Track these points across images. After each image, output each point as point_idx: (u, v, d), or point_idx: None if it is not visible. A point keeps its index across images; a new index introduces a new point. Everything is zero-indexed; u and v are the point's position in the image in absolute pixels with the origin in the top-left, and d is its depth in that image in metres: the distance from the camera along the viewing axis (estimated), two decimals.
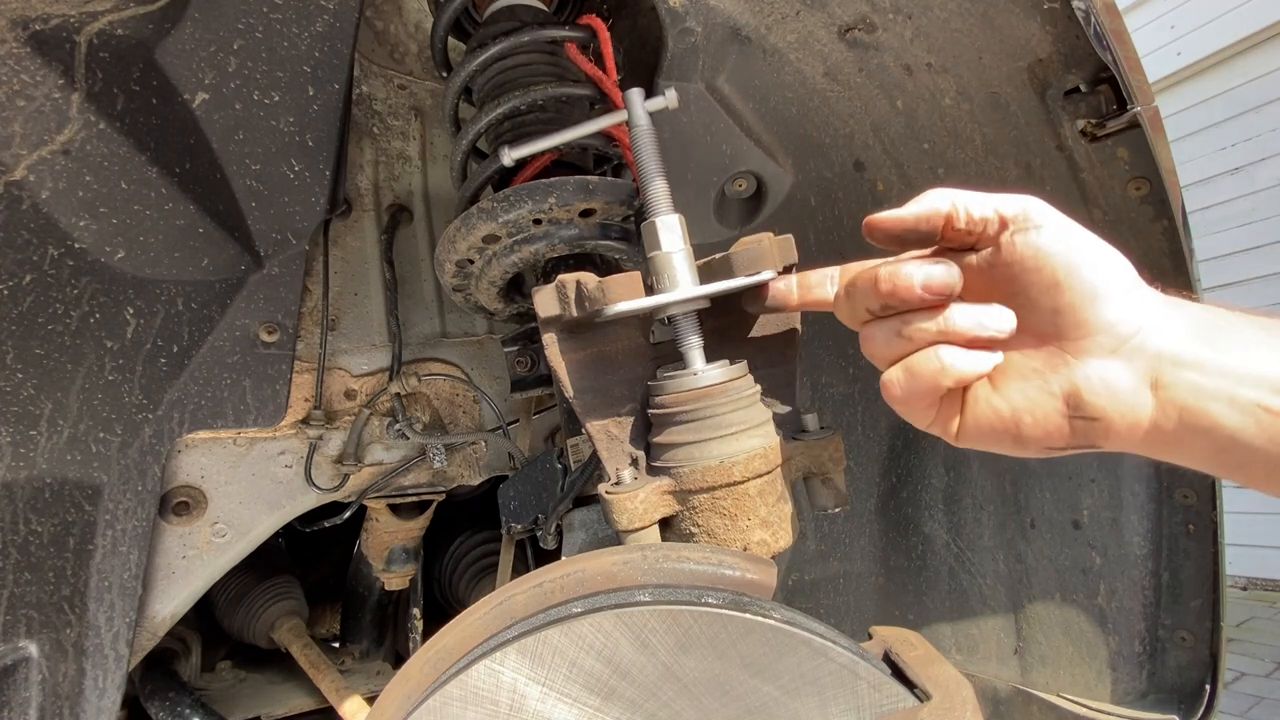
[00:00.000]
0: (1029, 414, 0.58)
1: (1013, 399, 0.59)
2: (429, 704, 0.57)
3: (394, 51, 1.42)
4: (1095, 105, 1.02)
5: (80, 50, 0.93)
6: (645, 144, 0.83)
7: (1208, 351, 0.54)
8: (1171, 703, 1.20)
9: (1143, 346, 0.55)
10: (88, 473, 1.06)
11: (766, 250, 0.73)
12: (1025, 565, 1.33)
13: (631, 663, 0.57)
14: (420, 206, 1.49)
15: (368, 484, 1.43)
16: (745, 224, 1.44)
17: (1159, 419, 0.55)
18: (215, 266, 1.11)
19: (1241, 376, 0.52)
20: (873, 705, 0.58)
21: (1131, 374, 0.55)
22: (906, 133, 1.21)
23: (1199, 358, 0.54)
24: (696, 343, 0.77)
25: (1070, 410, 0.57)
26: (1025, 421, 0.59)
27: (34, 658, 1.03)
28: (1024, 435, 0.59)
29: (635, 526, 0.73)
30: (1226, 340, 0.54)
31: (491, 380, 1.52)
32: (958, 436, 0.63)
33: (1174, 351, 0.55)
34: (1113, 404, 0.56)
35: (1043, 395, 0.58)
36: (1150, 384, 0.55)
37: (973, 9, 1.01)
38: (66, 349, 1.02)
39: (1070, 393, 0.57)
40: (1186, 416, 0.54)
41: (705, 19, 1.11)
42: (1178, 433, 0.55)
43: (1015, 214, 0.58)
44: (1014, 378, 0.59)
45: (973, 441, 0.62)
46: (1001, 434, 0.60)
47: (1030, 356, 0.59)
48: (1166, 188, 1.02)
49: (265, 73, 1.03)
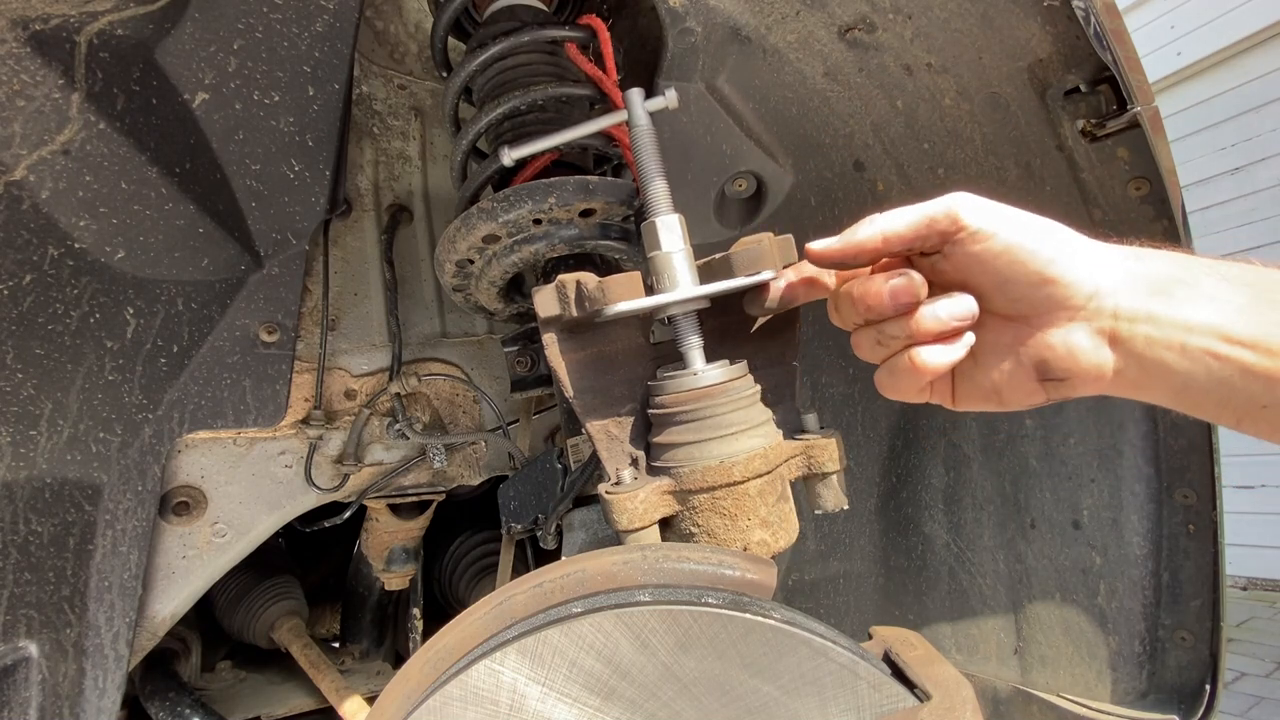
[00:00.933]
0: (1006, 383, 0.67)
1: (992, 372, 0.67)
2: (429, 704, 0.57)
3: (394, 51, 1.42)
4: (1095, 105, 1.02)
5: (80, 50, 0.93)
6: (645, 144, 0.83)
7: (1162, 305, 0.60)
8: (1171, 703, 1.19)
9: (1100, 308, 0.62)
10: (88, 473, 1.06)
11: (766, 250, 0.73)
12: (1025, 565, 1.33)
13: (631, 663, 0.57)
14: (420, 206, 1.49)
15: (368, 484, 1.43)
16: (745, 224, 1.44)
17: (1120, 368, 0.62)
18: (215, 266, 1.11)
19: (1192, 327, 0.59)
20: (873, 705, 0.58)
21: (1090, 334, 0.62)
22: (906, 133, 1.21)
23: (1152, 312, 0.60)
24: (696, 343, 0.77)
25: (1040, 375, 0.65)
26: (1004, 389, 0.67)
27: (34, 658, 1.03)
28: (1006, 400, 0.68)
29: (635, 526, 0.73)
30: (1185, 292, 0.60)
31: (491, 380, 1.52)
32: (954, 405, 0.72)
33: (1129, 308, 0.61)
34: (1076, 365, 0.63)
35: (1015, 366, 0.66)
36: (1108, 340, 0.62)
37: (973, 9, 1.01)
38: (66, 349, 1.02)
39: (1039, 362, 0.65)
40: (1144, 364, 0.61)
41: (705, 19, 1.11)
42: (1139, 379, 0.62)
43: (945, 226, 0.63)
44: (990, 353, 0.67)
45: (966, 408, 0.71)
46: (988, 400, 0.69)
47: (1001, 333, 0.66)
48: (1166, 188, 1.02)
49: (265, 73, 1.03)
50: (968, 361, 0.67)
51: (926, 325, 0.64)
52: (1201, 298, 0.59)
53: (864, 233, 0.66)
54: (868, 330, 0.68)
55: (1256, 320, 0.57)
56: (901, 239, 0.65)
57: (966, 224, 0.62)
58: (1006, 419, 1.34)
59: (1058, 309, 0.62)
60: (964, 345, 0.65)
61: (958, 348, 0.65)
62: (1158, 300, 0.60)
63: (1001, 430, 1.34)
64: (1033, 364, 0.65)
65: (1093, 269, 0.62)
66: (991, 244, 0.62)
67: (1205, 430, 1.14)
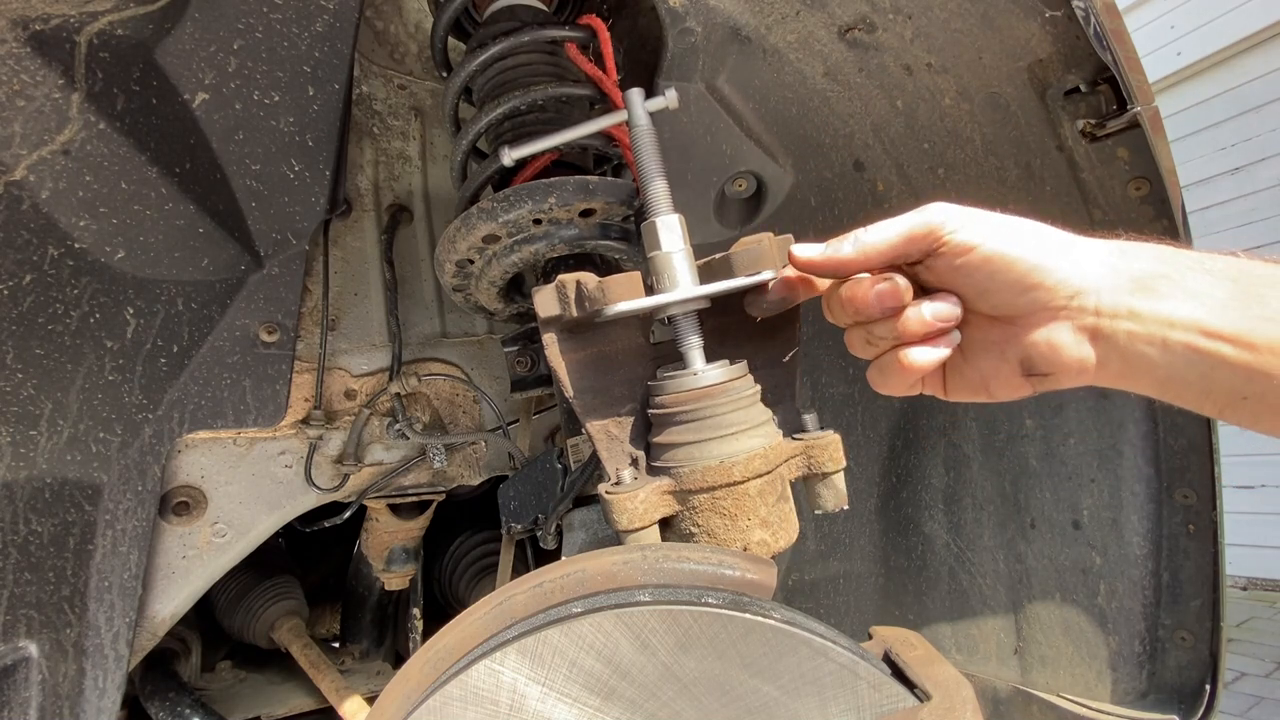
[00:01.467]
0: (994, 378, 0.69)
1: (980, 367, 0.70)
2: (429, 704, 0.57)
3: (394, 51, 1.42)
4: (1095, 105, 1.02)
5: (80, 50, 0.93)
6: (645, 144, 0.83)
7: (1144, 301, 0.61)
8: (1171, 703, 1.19)
9: (1082, 306, 0.63)
10: (88, 473, 1.06)
11: (766, 250, 0.73)
12: (1025, 565, 1.33)
13: (631, 663, 0.57)
14: (420, 206, 1.49)
15: (368, 484, 1.43)
16: (745, 224, 1.44)
17: (1103, 362, 0.64)
18: (215, 266, 1.11)
19: (1174, 322, 0.60)
20: (873, 705, 0.58)
21: (1073, 332, 0.64)
22: (906, 133, 1.21)
23: (1134, 308, 0.61)
24: (696, 343, 0.77)
25: (1025, 371, 0.67)
26: (992, 382, 0.69)
27: (34, 658, 1.03)
28: (994, 392, 0.70)
29: (635, 526, 0.73)
30: (1168, 287, 0.61)
31: (491, 380, 1.52)
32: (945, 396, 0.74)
33: (1110, 306, 0.62)
34: (1059, 361, 0.65)
35: (1001, 363, 0.68)
36: (1090, 337, 0.63)
37: (973, 9, 1.01)
38: (66, 349, 1.02)
39: (1023, 359, 0.66)
40: (1127, 359, 0.62)
41: (705, 19, 1.11)
42: (1122, 372, 0.64)
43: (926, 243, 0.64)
44: (978, 350, 0.69)
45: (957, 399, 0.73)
46: (977, 392, 0.71)
47: (988, 331, 0.68)
48: (1166, 188, 1.02)
49: (265, 73, 1.03)
50: (956, 356, 0.70)
51: (912, 327, 0.66)
52: (1183, 293, 0.60)
53: (845, 251, 0.68)
54: (858, 329, 0.70)
55: (1237, 315, 0.58)
56: (882, 256, 0.66)
57: (947, 239, 0.64)
58: (1006, 419, 1.34)
59: (1040, 310, 0.64)
60: (950, 344, 0.67)
61: (944, 347, 0.67)
62: (1140, 296, 0.61)
63: (1001, 430, 1.34)
64: (1017, 360, 0.67)
65: (1075, 268, 0.63)
66: (972, 257, 0.63)
67: (1205, 430, 1.14)
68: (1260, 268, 0.60)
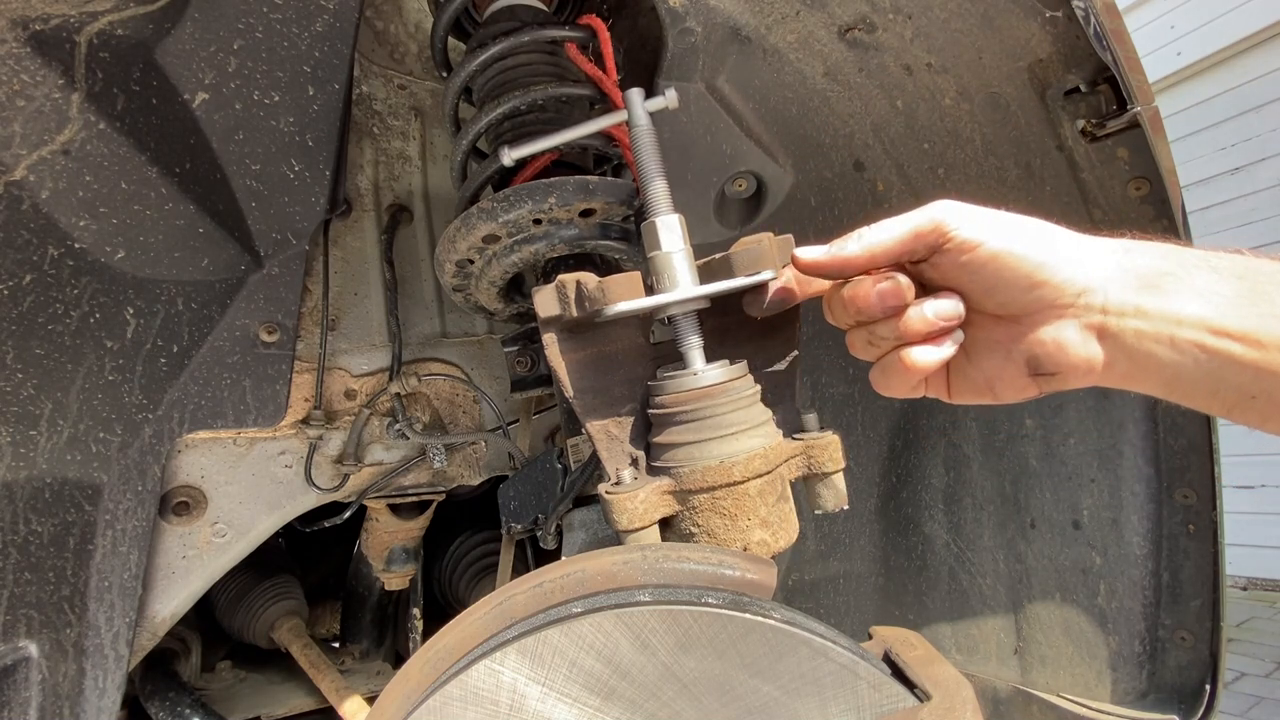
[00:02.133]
0: (999, 378, 0.68)
1: (984, 368, 0.68)
2: (429, 704, 0.57)
3: (394, 51, 1.42)
4: (1095, 105, 1.02)
5: (80, 50, 0.92)
6: (645, 144, 0.83)
7: (1152, 299, 0.61)
8: (1171, 703, 1.19)
9: (1089, 304, 0.62)
10: (88, 473, 1.06)
11: (766, 250, 0.73)
12: (1025, 565, 1.33)
13: (631, 663, 0.57)
14: (420, 206, 1.49)
15: (368, 484, 1.43)
16: (745, 224, 1.44)
17: (1110, 361, 0.63)
18: (215, 266, 1.11)
19: (1182, 320, 0.59)
20: (873, 705, 0.58)
21: (1079, 330, 0.63)
22: (906, 133, 1.21)
23: (1141, 306, 0.61)
24: (696, 343, 0.77)
25: (1031, 370, 0.66)
26: (997, 383, 0.68)
27: (34, 658, 1.03)
28: (999, 393, 0.69)
29: (635, 526, 0.73)
30: (1174, 285, 0.60)
31: (491, 380, 1.52)
32: (949, 398, 0.73)
33: (1117, 304, 0.62)
34: (1066, 360, 0.64)
35: (1007, 363, 0.67)
36: (1097, 335, 0.63)
37: (973, 9, 1.01)
38: (66, 349, 1.02)
39: (1029, 358, 0.65)
40: (1134, 357, 0.62)
41: (705, 19, 1.11)
42: (1129, 370, 0.63)
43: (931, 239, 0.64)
44: (983, 350, 0.68)
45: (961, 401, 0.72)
46: (981, 394, 0.70)
47: (992, 330, 0.67)
48: (1166, 188, 1.02)
49: (265, 73, 1.03)
50: (960, 357, 0.69)
51: (915, 326, 0.65)
52: (1190, 291, 0.60)
53: (850, 249, 0.67)
54: (860, 330, 0.69)
55: (1244, 312, 0.58)
56: (888, 254, 0.66)
57: (952, 235, 0.63)
58: (1007, 419, 1.34)
59: (1047, 308, 0.63)
60: (953, 344, 0.66)
61: (946, 347, 0.66)
62: (1147, 294, 0.61)
63: (1001, 430, 1.34)
64: (1023, 359, 0.66)
65: (1081, 266, 0.62)
66: (978, 253, 0.63)
67: (1205, 430, 1.14)
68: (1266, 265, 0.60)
